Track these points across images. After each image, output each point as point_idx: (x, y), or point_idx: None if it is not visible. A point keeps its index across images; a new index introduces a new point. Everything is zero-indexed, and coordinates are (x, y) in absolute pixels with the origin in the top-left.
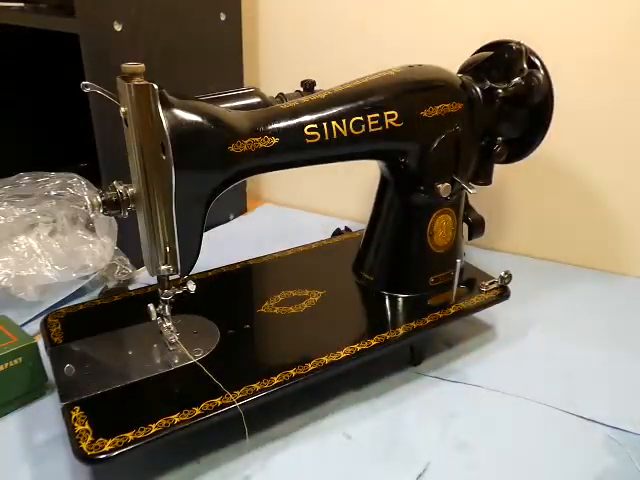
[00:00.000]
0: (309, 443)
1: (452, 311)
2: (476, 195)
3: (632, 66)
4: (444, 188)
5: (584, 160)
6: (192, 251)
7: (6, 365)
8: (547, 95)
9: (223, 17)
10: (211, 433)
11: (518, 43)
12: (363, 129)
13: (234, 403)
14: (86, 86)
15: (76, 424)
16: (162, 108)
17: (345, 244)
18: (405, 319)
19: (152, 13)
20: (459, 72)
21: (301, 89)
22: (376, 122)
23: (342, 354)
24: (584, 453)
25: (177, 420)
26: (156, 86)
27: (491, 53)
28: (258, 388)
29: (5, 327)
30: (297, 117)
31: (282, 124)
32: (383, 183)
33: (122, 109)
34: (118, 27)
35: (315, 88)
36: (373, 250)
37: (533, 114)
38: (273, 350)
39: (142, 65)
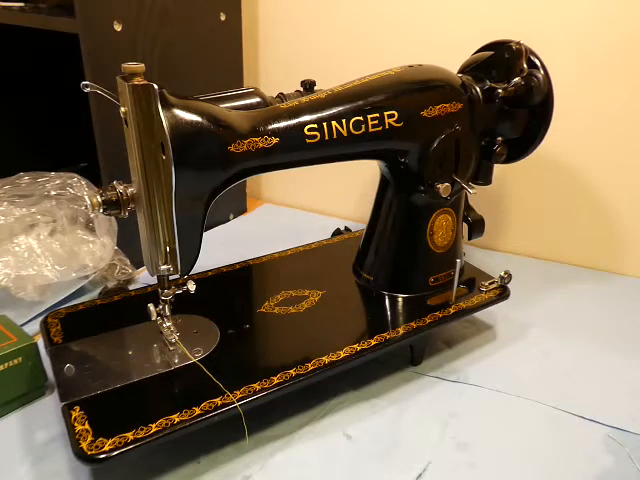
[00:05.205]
0: (309, 443)
1: (452, 311)
2: (476, 195)
3: (632, 66)
4: (444, 188)
5: (584, 160)
6: (192, 251)
7: (6, 365)
8: (547, 95)
9: (223, 17)
10: (211, 433)
11: (518, 43)
12: (363, 129)
13: (234, 403)
14: (86, 86)
15: (76, 424)
16: (162, 108)
17: (345, 244)
18: (405, 319)
19: (152, 13)
20: (459, 72)
21: (301, 89)
22: (376, 122)
23: (342, 354)
24: (584, 453)
25: (177, 420)
26: (156, 86)
27: (491, 53)
28: (258, 388)
29: (5, 327)
30: (297, 117)
31: (282, 124)
32: (383, 183)
33: (122, 109)
34: (118, 27)
35: (315, 88)
36: (373, 250)
37: (533, 114)
38: (273, 350)
39: (142, 65)
